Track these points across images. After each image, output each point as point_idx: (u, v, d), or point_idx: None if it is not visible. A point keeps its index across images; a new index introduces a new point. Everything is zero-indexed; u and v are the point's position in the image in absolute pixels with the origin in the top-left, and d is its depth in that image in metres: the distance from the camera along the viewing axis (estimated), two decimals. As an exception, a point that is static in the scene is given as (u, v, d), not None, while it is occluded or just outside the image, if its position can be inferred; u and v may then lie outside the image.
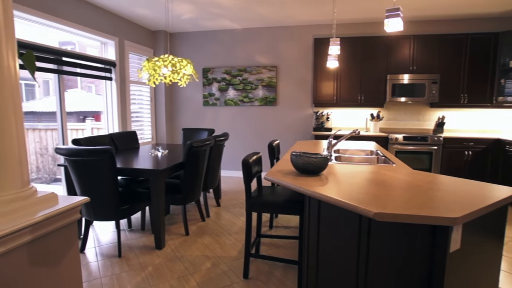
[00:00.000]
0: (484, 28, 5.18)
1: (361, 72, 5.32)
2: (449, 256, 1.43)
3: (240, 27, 5.89)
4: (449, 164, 4.94)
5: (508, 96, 4.88)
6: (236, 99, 6.08)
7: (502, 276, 2.70)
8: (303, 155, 2.00)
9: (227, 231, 3.58)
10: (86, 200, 1.56)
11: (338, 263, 1.77)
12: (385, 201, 1.52)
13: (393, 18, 2.24)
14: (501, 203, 1.62)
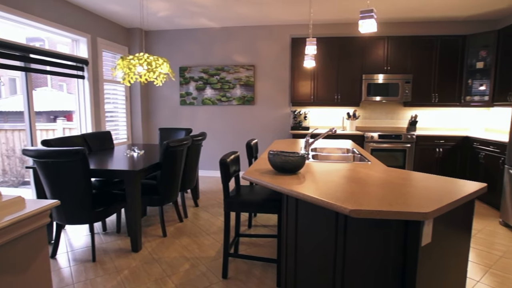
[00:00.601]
0: (453, 31, 5.38)
1: (337, 72, 5.40)
2: (421, 249, 1.47)
3: (217, 25, 5.85)
4: (422, 161, 5.10)
5: (475, 95, 5.09)
6: (214, 98, 6.03)
7: (470, 266, 2.81)
8: (280, 154, 2.00)
9: (205, 232, 3.55)
10: (56, 204, 1.50)
11: (316, 260, 1.78)
12: (361, 198, 1.54)
13: (367, 19, 2.28)
14: (468, 197, 1.68)
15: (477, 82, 5.07)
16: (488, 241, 3.35)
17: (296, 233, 1.90)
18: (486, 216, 4.12)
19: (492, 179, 4.29)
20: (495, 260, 2.94)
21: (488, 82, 4.92)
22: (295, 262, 1.93)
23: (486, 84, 4.95)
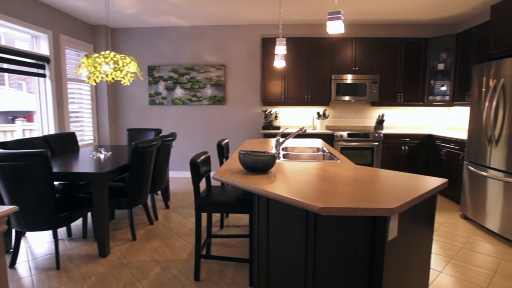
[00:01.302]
0: (416, 34, 5.62)
1: (307, 72, 5.48)
2: (387, 244, 1.51)
3: (187, 24, 5.77)
4: (389, 159, 5.28)
5: (437, 95, 5.34)
6: (184, 98, 5.95)
7: (433, 258, 2.94)
8: (251, 153, 2.00)
9: (176, 234, 3.49)
10: (13, 210, 1.42)
11: (288, 258, 1.80)
12: (330, 196, 1.57)
13: (334, 20, 2.33)
14: (431, 192, 1.76)
15: (438, 83, 5.32)
16: (449, 234, 3.52)
17: (268, 232, 1.91)
18: (447, 209, 4.33)
19: (453, 174, 4.51)
20: (456, 251, 3.09)
21: (449, 82, 5.17)
22: (267, 261, 1.94)
23: (447, 85, 5.20)
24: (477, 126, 3.75)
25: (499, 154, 3.39)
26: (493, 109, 3.47)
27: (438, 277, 2.62)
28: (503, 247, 3.21)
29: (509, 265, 2.83)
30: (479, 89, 3.74)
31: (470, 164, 3.85)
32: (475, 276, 2.64)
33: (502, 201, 3.32)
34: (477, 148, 3.74)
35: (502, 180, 3.32)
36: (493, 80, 3.50)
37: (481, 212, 3.62)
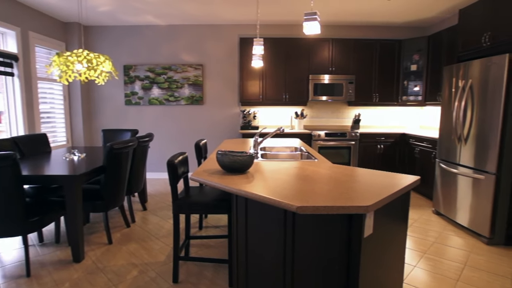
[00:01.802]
0: (390, 35, 5.78)
1: (285, 72, 5.52)
2: (363, 240, 1.55)
3: (164, 23, 5.68)
4: (365, 157, 5.40)
5: (410, 95, 5.51)
6: (161, 98, 5.86)
7: (408, 253, 3.03)
8: (228, 153, 2.00)
9: (154, 236, 3.43)
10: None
11: (267, 258, 1.80)
12: (307, 195, 1.59)
13: (311, 21, 2.36)
14: (404, 190, 1.81)
15: (412, 83, 5.49)
16: (423, 229, 3.63)
17: (247, 232, 1.91)
18: (421, 206, 4.47)
19: (426, 172, 4.67)
20: (429, 246, 3.20)
21: (421, 83, 5.34)
22: (246, 261, 1.94)
23: (420, 85, 5.37)
24: (448, 125, 3.90)
25: (468, 151, 3.53)
26: (462, 108, 3.61)
27: (412, 271, 2.70)
28: (472, 240, 3.35)
29: (477, 258, 2.95)
30: (449, 90, 3.89)
31: (442, 162, 3.99)
32: (447, 269, 2.75)
33: (471, 197, 3.46)
34: (448, 146, 3.88)
35: (470, 177, 3.47)
36: (461, 81, 3.64)
37: (452, 208, 3.76)
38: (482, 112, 3.33)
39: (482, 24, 3.60)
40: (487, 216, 3.24)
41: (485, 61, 3.29)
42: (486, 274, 2.67)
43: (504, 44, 3.32)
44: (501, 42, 3.34)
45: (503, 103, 3.08)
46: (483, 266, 2.81)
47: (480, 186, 3.33)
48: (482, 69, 3.33)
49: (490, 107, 3.21)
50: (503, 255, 3.02)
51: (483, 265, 2.82)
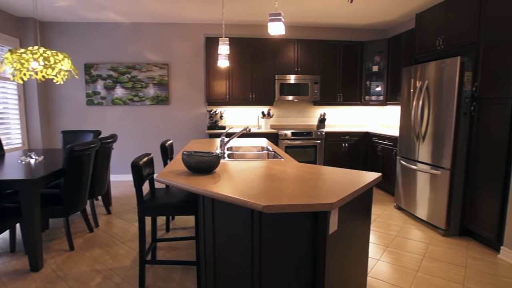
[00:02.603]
0: (353, 37, 5.97)
1: (251, 72, 5.55)
2: (329, 237, 1.59)
3: (127, 21, 5.52)
4: (330, 156, 5.54)
5: (372, 95, 5.72)
6: (125, 98, 5.68)
7: (371, 247, 3.15)
8: (194, 154, 1.98)
9: (119, 240, 3.32)
10: None
11: (235, 258, 1.81)
12: (274, 194, 1.60)
13: (275, 22, 2.38)
14: (367, 186, 1.88)
15: (374, 84, 5.70)
16: (385, 224, 3.79)
17: (214, 233, 1.90)
18: (383, 201, 4.66)
19: (388, 169, 4.87)
20: (391, 240, 3.34)
21: (382, 83, 5.56)
22: (214, 262, 1.93)
23: (381, 86, 5.59)
24: (407, 123, 4.09)
25: (425, 149, 3.72)
26: (420, 108, 3.80)
27: (376, 265, 2.81)
28: (430, 232, 3.53)
29: (435, 249, 3.12)
30: (408, 90, 4.08)
31: (402, 159, 4.18)
32: (408, 260, 2.88)
33: (428, 192, 3.65)
34: (407, 144, 4.07)
35: (428, 173, 3.66)
36: (419, 82, 3.83)
37: (412, 203, 3.95)
38: (437, 111, 3.52)
39: (437, 28, 3.81)
40: (443, 210, 3.43)
41: (440, 63, 3.48)
42: (443, 264, 2.83)
43: (456, 48, 3.53)
44: (453, 46, 3.56)
45: (456, 102, 3.27)
46: (440, 256, 2.97)
47: (437, 181, 3.52)
48: (437, 70, 3.52)
49: (445, 106, 3.41)
50: (457, 245, 3.22)
51: (440, 255, 2.99)
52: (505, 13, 2.90)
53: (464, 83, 3.27)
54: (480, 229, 3.20)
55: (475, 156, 3.27)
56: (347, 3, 4.51)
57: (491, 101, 3.07)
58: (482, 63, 3.17)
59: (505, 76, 2.91)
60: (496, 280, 2.57)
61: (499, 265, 2.81)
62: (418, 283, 2.51)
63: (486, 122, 3.14)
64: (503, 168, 2.94)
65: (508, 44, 2.87)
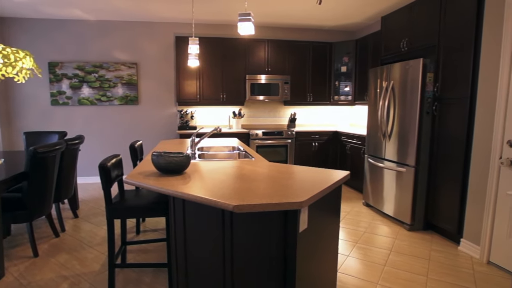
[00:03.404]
0: (322, 38, 6.10)
1: (222, 72, 5.54)
2: (299, 235, 1.62)
3: (94, 18, 5.34)
4: (301, 155, 5.64)
5: (341, 95, 5.87)
6: (92, 98, 5.51)
7: (341, 244, 3.24)
8: (164, 154, 1.95)
9: (87, 244, 3.22)
10: None
11: (206, 259, 1.80)
12: (244, 194, 1.62)
13: (245, 22, 2.40)
14: (336, 184, 1.93)
15: (342, 84, 5.85)
16: (354, 220, 3.90)
17: (185, 234, 1.89)
18: (352, 199, 4.80)
19: (356, 167, 5.01)
20: (360, 236, 3.45)
21: (351, 84, 5.72)
22: (186, 263, 1.92)
23: (349, 86, 5.75)
24: (374, 122, 4.23)
25: (391, 147, 3.87)
26: (386, 107, 3.95)
27: (346, 261, 2.89)
28: (397, 228, 3.68)
29: (401, 243, 3.26)
30: (374, 90, 4.22)
31: (370, 157, 4.32)
32: (376, 255, 2.99)
33: (395, 188, 3.80)
34: (375, 142, 4.22)
35: (394, 170, 3.81)
36: (385, 82, 3.97)
37: (379, 199, 4.09)
38: (402, 110, 3.67)
39: (401, 31, 3.97)
40: (408, 205, 3.58)
41: (404, 64, 3.63)
42: (408, 257, 2.96)
43: (419, 50, 3.70)
44: (416, 48, 3.72)
45: (419, 102, 3.43)
46: (406, 250, 3.10)
47: (402, 178, 3.67)
48: (401, 71, 3.67)
49: (409, 106, 3.56)
50: (422, 239, 3.37)
51: (406, 249, 3.12)
52: (460, 19, 3.08)
53: (426, 84, 3.43)
54: (442, 223, 3.37)
55: (437, 154, 3.44)
56: (315, 4, 4.60)
57: (451, 101, 3.24)
58: (442, 65, 3.34)
59: (463, 77, 3.08)
60: (456, 271, 2.72)
61: (459, 257, 2.98)
62: (386, 277, 2.61)
63: (446, 121, 3.31)
64: (462, 164, 3.11)
65: (464, 48, 3.05)
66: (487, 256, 2.86)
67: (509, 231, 2.68)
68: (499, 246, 2.76)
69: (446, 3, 3.27)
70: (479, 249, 2.94)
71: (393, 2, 4.52)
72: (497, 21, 2.75)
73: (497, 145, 2.75)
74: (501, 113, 2.71)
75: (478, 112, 2.95)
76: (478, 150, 2.96)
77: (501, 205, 2.75)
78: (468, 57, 3.02)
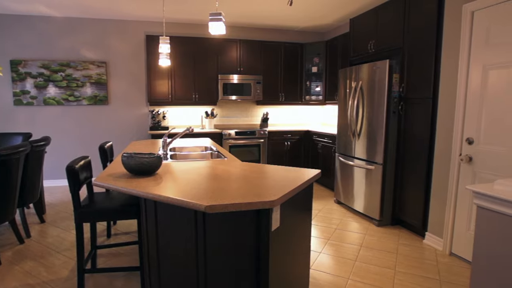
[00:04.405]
0: (294, 39, 6.19)
1: (194, 71, 5.50)
2: (271, 234, 1.65)
3: (60, 14, 5.14)
4: (274, 154, 5.70)
5: (313, 95, 5.99)
6: (59, 98, 5.30)
7: (314, 241, 3.31)
8: (135, 155, 1.93)
9: (55, 250, 3.11)
10: None
11: (179, 260, 1.79)
12: (217, 194, 1.62)
13: (216, 22, 2.40)
14: (307, 183, 1.98)
15: (313, 84, 5.97)
16: (326, 218, 3.99)
17: (157, 236, 1.87)
18: (324, 197, 4.90)
19: (328, 165, 5.13)
20: (332, 233, 3.54)
21: (321, 84, 5.84)
22: (158, 265, 1.90)
23: (320, 86, 5.87)
24: (344, 121, 4.34)
25: (361, 145, 3.99)
26: (355, 107, 4.07)
27: (318, 257, 2.96)
28: (366, 223, 3.80)
29: (371, 238, 3.37)
30: (344, 90, 4.34)
31: (340, 156, 4.44)
32: (347, 251, 3.08)
33: (364, 186, 3.92)
34: (345, 141, 4.33)
35: (364, 168, 3.93)
36: (354, 83, 4.09)
37: (350, 197, 4.21)
38: (370, 110, 3.80)
39: (368, 33, 4.11)
40: (377, 202, 3.71)
41: (372, 65, 3.75)
42: (377, 252, 3.07)
43: (385, 51, 3.84)
44: (382, 49, 3.86)
45: (386, 102, 3.56)
46: (375, 245, 3.22)
47: (371, 175, 3.80)
48: (369, 72, 3.80)
49: (377, 105, 3.69)
50: (390, 234, 3.51)
51: (375, 244, 3.24)
52: (423, 24, 3.23)
53: (392, 84, 3.56)
54: (409, 218, 3.52)
55: (404, 152, 3.59)
56: (286, 5, 4.66)
57: (415, 101, 3.40)
58: (407, 67, 3.49)
59: (426, 79, 3.24)
60: (422, 263, 2.86)
61: (424, 250, 3.12)
62: (356, 272, 2.70)
63: (411, 120, 3.46)
64: (426, 162, 3.27)
65: (426, 51, 3.20)
66: (449, 248, 3.03)
67: (468, 224, 2.84)
68: (460, 238, 2.93)
69: (410, 7, 3.42)
70: (442, 242, 3.10)
71: (361, 5, 4.66)
72: (455, 27, 2.91)
73: (457, 143, 2.91)
74: (460, 113, 2.88)
75: (440, 112, 3.11)
76: (440, 148, 3.12)
77: (461, 200, 2.91)
78: (431, 60, 3.17)
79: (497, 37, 2.57)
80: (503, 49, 2.52)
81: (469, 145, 2.82)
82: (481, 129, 2.72)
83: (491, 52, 2.61)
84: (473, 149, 2.79)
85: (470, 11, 2.76)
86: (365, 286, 2.50)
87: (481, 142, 2.72)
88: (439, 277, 2.62)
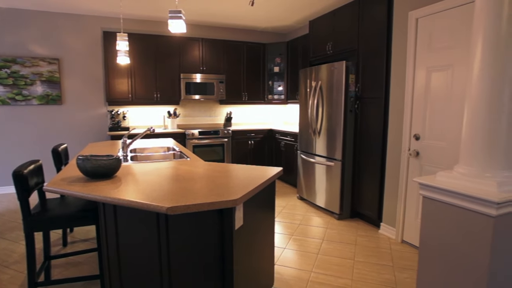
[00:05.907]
0: (256, 39, 6.23)
1: (155, 70, 5.36)
2: (235, 232, 1.66)
3: (4, 5, 4.76)
4: (238, 153, 5.71)
5: (275, 94, 6.07)
6: (4, 97, 4.93)
7: (278, 237, 3.37)
8: (91, 158, 1.85)
9: (2, 264, 2.88)
10: None
11: (142, 265, 1.75)
12: (179, 195, 1.60)
13: (175, 19, 2.36)
14: (269, 180, 2.01)
15: (276, 84, 6.05)
16: (290, 214, 4.07)
17: (118, 241, 1.81)
18: (288, 194, 5.00)
19: (291, 163, 5.23)
20: (295, 228, 3.61)
21: (283, 83, 5.94)
22: (120, 272, 1.84)
23: (282, 85, 5.97)
24: (305, 120, 4.45)
25: (321, 143, 4.11)
26: (315, 106, 4.18)
27: (283, 253, 3.01)
28: (328, 218, 3.93)
29: (332, 232, 3.49)
30: (305, 90, 4.44)
31: (302, 153, 4.54)
32: (310, 245, 3.16)
33: (325, 182, 4.04)
34: (306, 139, 4.44)
35: (324, 164, 4.05)
36: (314, 82, 4.20)
37: (312, 192, 4.33)
38: (329, 109, 3.92)
39: (326, 35, 4.23)
40: (337, 196, 3.84)
41: (330, 66, 3.88)
42: (338, 244, 3.19)
43: (342, 53, 3.98)
44: (340, 51, 4.00)
45: (344, 101, 3.70)
46: (336, 238, 3.33)
47: (332, 172, 3.93)
48: (328, 72, 3.92)
49: (335, 104, 3.81)
50: (349, 226, 3.65)
51: (336, 237, 3.36)
52: (375, 28, 3.42)
53: (349, 85, 3.70)
54: (366, 210, 3.69)
55: (360, 148, 3.75)
56: (248, 5, 4.68)
57: (370, 101, 3.57)
58: (362, 68, 3.65)
59: (378, 80, 3.42)
60: (377, 252, 3.02)
61: (380, 239, 3.30)
62: (319, 264, 2.79)
63: (366, 118, 3.62)
64: (380, 157, 3.45)
65: (378, 54, 3.38)
66: (401, 236, 3.24)
67: (417, 213, 3.05)
68: (410, 226, 3.14)
69: (363, 12, 3.58)
70: (395, 231, 3.30)
71: (320, 8, 4.78)
72: (403, 32, 3.12)
73: (406, 139, 3.12)
74: (408, 111, 3.09)
75: (391, 110, 3.31)
76: (392, 144, 3.31)
77: (410, 191, 3.12)
78: (382, 62, 3.36)
79: (438, 42, 2.80)
80: (442, 53, 2.75)
81: (417, 141, 3.02)
82: (425, 126, 2.94)
83: (433, 56, 2.84)
84: (419, 144, 2.99)
85: (415, 18, 2.97)
86: (327, 277, 2.59)
87: (426, 138, 2.93)
88: (392, 264, 2.79)
